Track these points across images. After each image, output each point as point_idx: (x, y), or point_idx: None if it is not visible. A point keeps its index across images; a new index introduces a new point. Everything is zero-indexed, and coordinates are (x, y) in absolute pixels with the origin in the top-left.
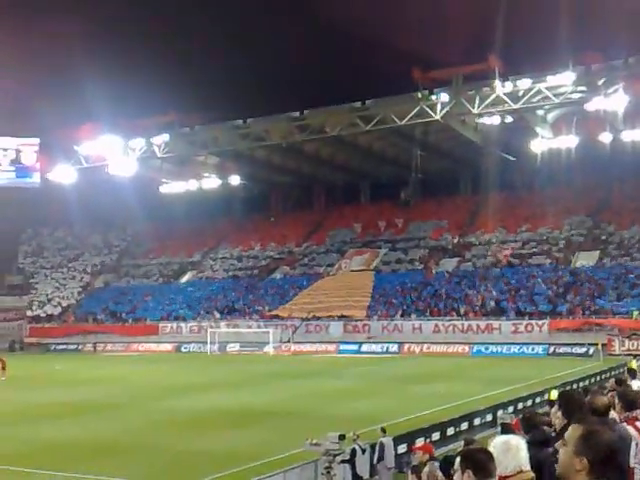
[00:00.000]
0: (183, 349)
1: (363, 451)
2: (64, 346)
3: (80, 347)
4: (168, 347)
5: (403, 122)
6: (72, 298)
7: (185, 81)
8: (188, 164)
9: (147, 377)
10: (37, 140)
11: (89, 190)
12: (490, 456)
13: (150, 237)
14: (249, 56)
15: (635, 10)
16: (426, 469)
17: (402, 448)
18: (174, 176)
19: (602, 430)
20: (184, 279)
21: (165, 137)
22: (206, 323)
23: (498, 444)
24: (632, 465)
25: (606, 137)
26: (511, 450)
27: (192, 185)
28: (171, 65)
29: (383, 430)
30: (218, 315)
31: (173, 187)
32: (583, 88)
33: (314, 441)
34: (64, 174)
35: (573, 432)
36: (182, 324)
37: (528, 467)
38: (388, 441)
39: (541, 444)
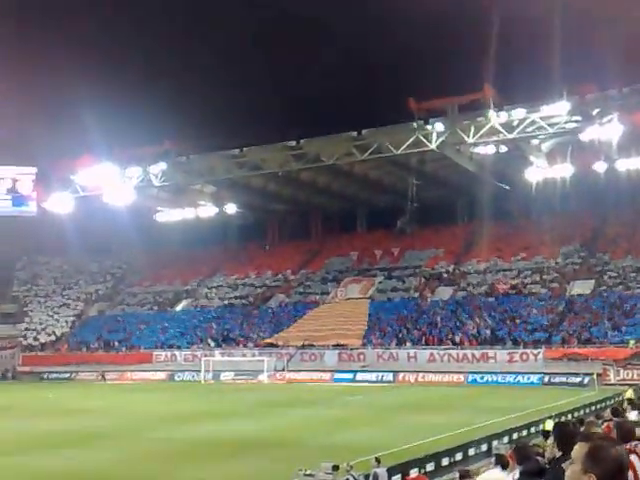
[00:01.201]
0: (177, 378)
1: None
2: (57, 374)
3: (73, 375)
4: (162, 376)
5: (399, 151)
6: (66, 326)
7: (182, 110)
8: (184, 192)
9: (140, 406)
10: (34, 169)
11: (85, 218)
12: None
13: (145, 265)
14: (246, 86)
15: (629, 41)
16: None
17: (396, 479)
18: (170, 204)
19: (609, 445)
20: (179, 307)
21: (162, 166)
22: (200, 352)
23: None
24: None
25: (601, 166)
26: None
27: (188, 213)
28: (168, 94)
29: (377, 460)
30: (212, 343)
31: (169, 215)
32: (577, 118)
33: (307, 471)
34: (60, 203)
35: (580, 449)
36: (176, 352)
37: None
38: (382, 472)
39: (534, 475)
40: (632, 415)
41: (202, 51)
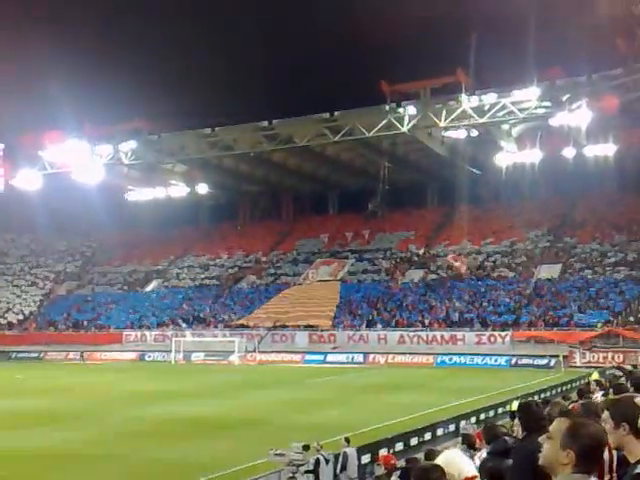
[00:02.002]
0: (147, 358)
1: (327, 461)
2: (25, 354)
3: (42, 355)
4: (132, 356)
5: (371, 134)
6: (34, 306)
7: (153, 88)
8: (155, 172)
9: (111, 386)
10: (1, 145)
11: (54, 196)
12: (442, 472)
13: (115, 245)
14: (218, 65)
15: (599, 28)
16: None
17: (366, 458)
18: (141, 183)
19: (588, 422)
20: (149, 287)
21: (132, 144)
22: (171, 332)
23: (442, 460)
24: None
25: (569, 152)
26: (454, 462)
27: (159, 193)
28: (139, 71)
29: (347, 440)
30: (183, 324)
31: (140, 194)
32: (548, 103)
33: (278, 451)
34: (28, 180)
35: (559, 425)
36: (146, 333)
37: (472, 473)
38: (352, 451)
39: (502, 454)
40: (598, 396)
41: (175, 29)
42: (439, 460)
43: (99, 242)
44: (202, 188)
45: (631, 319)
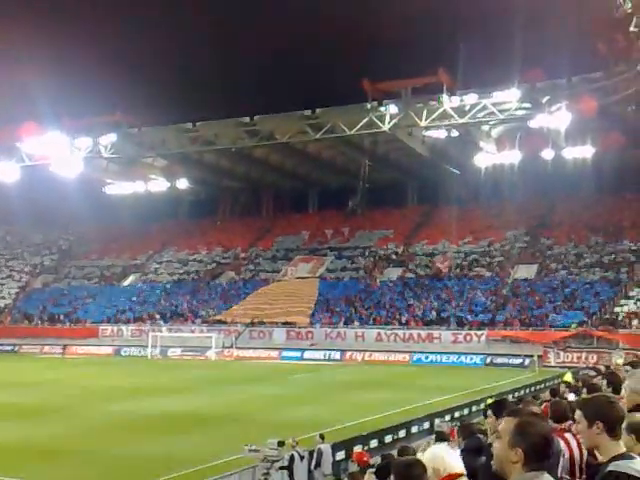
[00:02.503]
0: (123, 353)
1: (302, 458)
2: (0, 347)
3: (16, 348)
4: (108, 350)
5: (352, 132)
6: (9, 298)
7: (134, 81)
8: (135, 165)
9: (85, 380)
10: None
11: (32, 188)
12: (424, 468)
13: (93, 238)
14: (200, 59)
15: (580, 31)
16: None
17: (340, 455)
18: (120, 177)
19: (535, 421)
20: (127, 282)
21: (112, 137)
22: (148, 327)
23: (428, 455)
24: (559, 475)
25: (548, 154)
26: (440, 457)
27: (139, 187)
28: (120, 64)
29: (321, 437)
30: (159, 318)
31: (119, 188)
32: (527, 105)
33: (253, 447)
34: (6, 172)
35: (507, 424)
36: (123, 327)
37: (458, 469)
38: (326, 448)
39: (476, 452)
40: (570, 397)
41: (157, 22)
42: (426, 454)
43: (77, 235)
44: (182, 183)
45: (605, 320)
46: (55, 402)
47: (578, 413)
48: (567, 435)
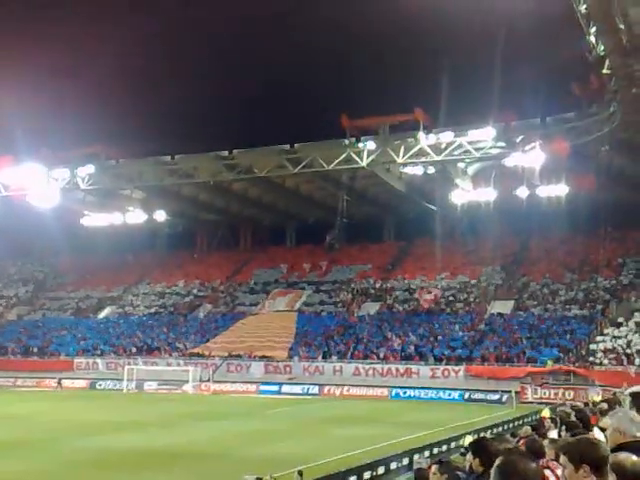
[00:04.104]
0: (98, 386)
1: None
2: None
3: None
4: (82, 384)
5: (330, 167)
6: None
7: (113, 113)
8: (113, 197)
9: (58, 414)
10: None
11: (7, 219)
12: None
13: (69, 270)
14: (180, 92)
15: (553, 72)
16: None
17: None
18: (98, 209)
19: (518, 460)
20: (102, 314)
21: (90, 169)
22: (123, 360)
23: None
24: None
25: (523, 192)
26: None
27: (116, 219)
28: (99, 96)
29: (300, 473)
30: (134, 351)
31: (96, 220)
32: (502, 144)
33: None
34: None
35: (495, 463)
36: (98, 360)
37: None
38: None
39: None
40: (552, 434)
41: (136, 56)
42: None
43: (52, 267)
44: (160, 215)
45: (581, 357)
46: (25, 436)
47: (563, 458)
48: (546, 472)
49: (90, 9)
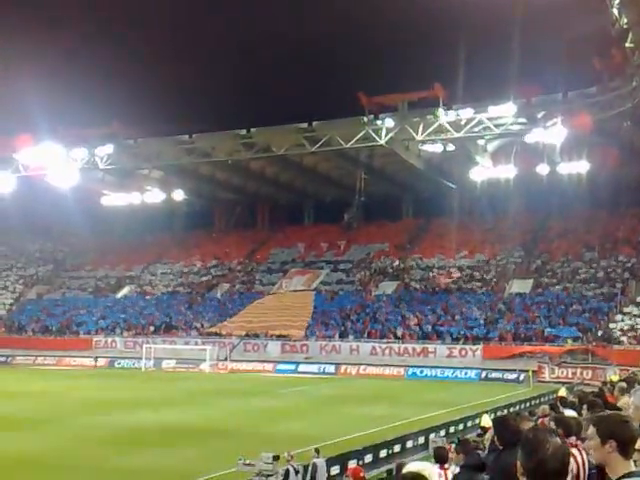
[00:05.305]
0: (117, 365)
1: (296, 472)
2: None
3: (9, 360)
4: (101, 362)
5: (348, 145)
6: (3, 309)
7: (131, 92)
8: (131, 177)
9: (77, 392)
10: None
11: (27, 199)
12: None
13: (88, 249)
14: (197, 72)
15: (575, 46)
16: None
17: (335, 469)
18: (116, 188)
19: (545, 436)
20: (121, 293)
21: (108, 148)
22: (142, 339)
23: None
24: None
25: (543, 169)
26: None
27: (134, 198)
28: (117, 75)
29: (317, 451)
30: (153, 330)
31: (115, 199)
32: (523, 120)
33: (247, 461)
34: (1, 182)
35: (522, 439)
36: (117, 339)
37: None
38: (321, 462)
39: (475, 468)
40: (567, 413)
41: (155, 34)
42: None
43: (72, 246)
44: (178, 195)
45: (599, 336)
46: (46, 414)
47: (592, 430)
48: (574, 451)
49: None
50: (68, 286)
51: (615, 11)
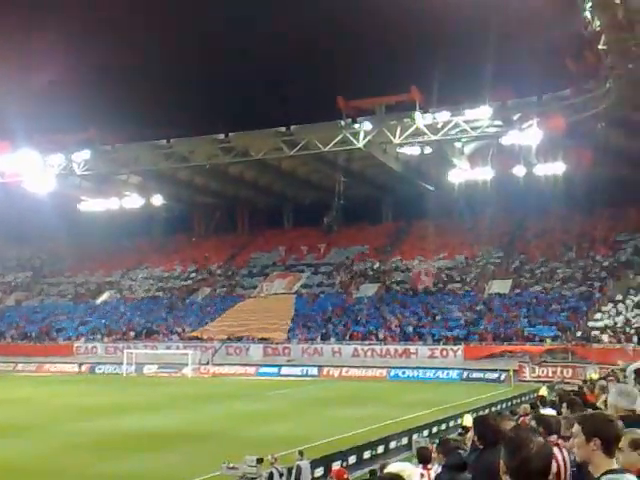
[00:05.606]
0: (97, 370)
1: (280, 475)
2: None
3: None
4: (82, 368)
5: (327, 149)
6: None
7: (108, 97)
8: (109, 182)
9: (60, 399)
10: None
11: (4, 206)
12: None
13: (67, 255)
14: (175, 75)
15: (549, 49)
16: None
17: (319, 471)
18: (94, 194)
19: (527, 435)
20: (101, 299)
21: (85, 154)
22: (122, 344)
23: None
24: None
25: (520, 170)
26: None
27: (113, 204)
28: (94, 80)
29: (301, 453)
30: (133, 335)
31: (93, 205)
32: (499, 122)
33: (231, 464)
34: None
35: (505, 439)
36: (97, 345)
37: None
38: (305, 464)
39: (457, 468)
40: (547, 412)
41: (130, 39)
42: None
43: (49, 253)
44: (156, 199)
45: (579, 335)
46: (26, 420)
47: (576, 428)
48: (555, 449)
49: None
50: (47, 292)
51: (587, 14)
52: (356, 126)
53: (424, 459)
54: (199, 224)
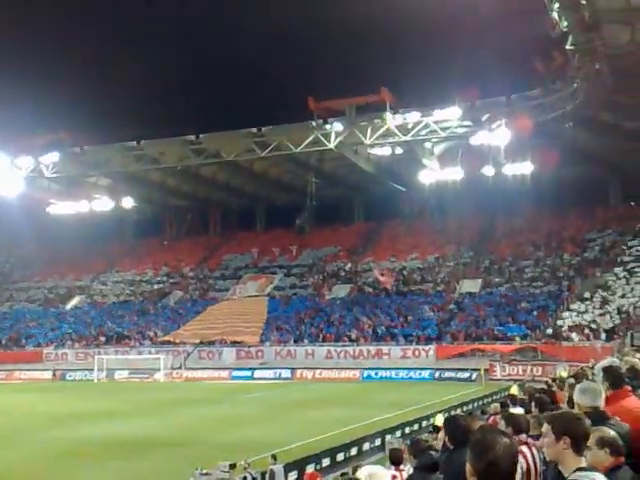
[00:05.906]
0: (68, 377)
1: None
2: None
3: None
4: (53, 375)
5: (298, 150)
6: None
7: (77, 99)
8: (78, 185)
9: (28, 407)
10: None
11: None
12: None
13: (36, 260)
14: (144, 77)
15: (517, 50)
16: None
17: (293, 475)
18: (63, 197)
19: (493, 436)
20: (71, 303)
21: (54, 156)
22: (93, 350)
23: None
24: None
25: (489, 170)
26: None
27: (82, 206)
28: (62, 81)
29: (274, 457)
30: (104, 340)
31: (62, 208)
32: (468, 123)
33: (204, 470)
34: None
35: (471, 439)
36: (67, 351)
37: None
38: (278, 469)
39: (429, 469)
40: (516, 410)
41: (100, 41)
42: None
43: (18, 257)
44: (127, 202)
45: (548, 333)
46: (0, 430)
47: (546, 427)
48: (523, 448)
49: None
50: (16, 298)
51: (555, 15)
52: (327, 127)
53: (396, 460)
54: (170, 227)
